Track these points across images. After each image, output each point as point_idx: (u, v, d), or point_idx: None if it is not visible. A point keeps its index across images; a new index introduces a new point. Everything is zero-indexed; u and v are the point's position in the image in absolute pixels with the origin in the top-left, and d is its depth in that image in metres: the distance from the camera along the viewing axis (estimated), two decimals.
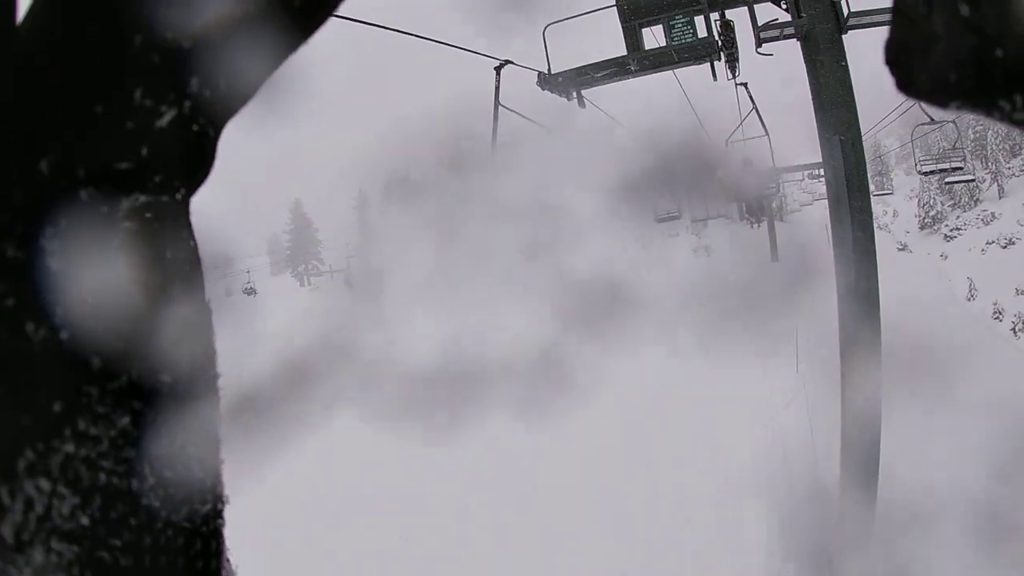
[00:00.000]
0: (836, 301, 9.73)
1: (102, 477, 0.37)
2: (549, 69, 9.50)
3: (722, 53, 9.09)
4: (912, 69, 0.43)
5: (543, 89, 9.43)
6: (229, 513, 0.44)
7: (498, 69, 8.51)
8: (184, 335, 0.39)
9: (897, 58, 0.44)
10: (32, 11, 0.38)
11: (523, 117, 9.02)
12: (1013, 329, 32.17)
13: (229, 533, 0.44)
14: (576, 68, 9.37)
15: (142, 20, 0.38)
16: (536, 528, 19.99)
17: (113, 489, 0.37)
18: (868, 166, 10.06)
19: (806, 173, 27.56)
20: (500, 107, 8.50)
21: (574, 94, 9.60)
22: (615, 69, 9.27)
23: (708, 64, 9.41)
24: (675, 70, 9.79)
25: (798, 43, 9.33)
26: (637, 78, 9.63)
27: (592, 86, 9.60)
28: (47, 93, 0.37)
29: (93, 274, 0.36)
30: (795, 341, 26.23)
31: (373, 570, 19.55)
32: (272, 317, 35.64)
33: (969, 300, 36.01)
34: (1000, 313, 33.66)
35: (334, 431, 24.41)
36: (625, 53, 9.43)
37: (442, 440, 23.96)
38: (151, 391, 0.39)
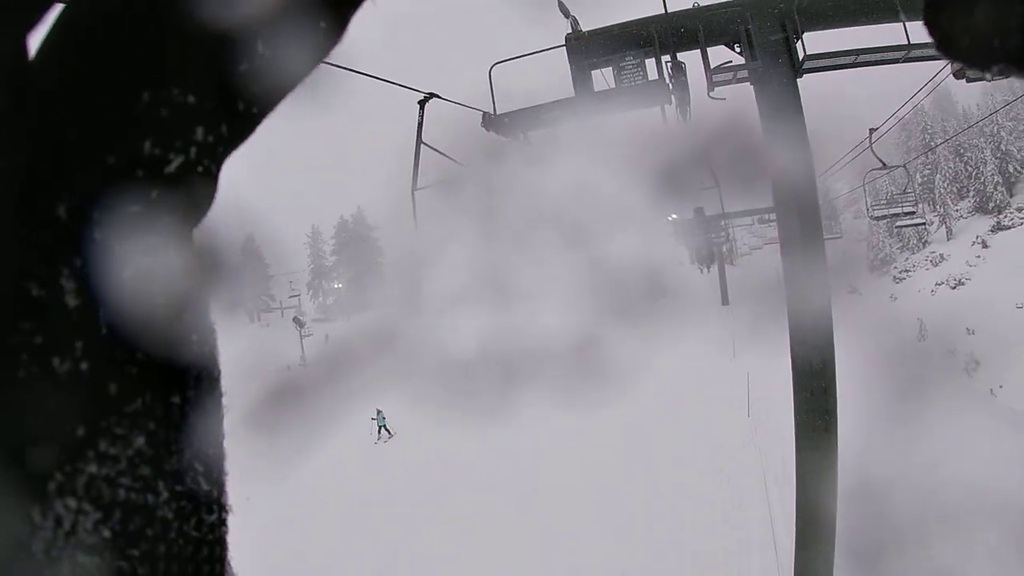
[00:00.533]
0: (788, 341, 9.55)
1: (121, 493, 0.39)
2: (494, 110, 9.06)
3: (673, 96, 8.75)
4: (953, 31, 0.43)
5: (488, 130, 8.97)
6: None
7: (422, 103, 7.97)
8: (192, 358, 0.43)
9: (937, 19, 0.44)
10: (43, 50, 0.40)
11: (443, 155, 8.51)
12: (966, 369, 32.52)
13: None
14: (522, 109, 8.94)
15: (147, 77, 0.40)
16: (536, 527, 20.01)
17: (131, 504, 0.40)
18: None
19: (756, 217, 27.64)
20: (423, 144, 7.95)
21: (521, 136, 9.18)
22: (563, 111, 8.87)
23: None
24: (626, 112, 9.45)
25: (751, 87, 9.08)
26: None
27: (539, 128, 9.18)
28: (58, 143, 0.40)
29: (110, 308, 0.39)
30: (747, 385, 26.17)
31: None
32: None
33: (920, 341, 36.32)
34: (952, 353, 34.02)
35: None
36: (573, 95, 9.06)
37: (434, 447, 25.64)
38: (162, 411, 0.41)
